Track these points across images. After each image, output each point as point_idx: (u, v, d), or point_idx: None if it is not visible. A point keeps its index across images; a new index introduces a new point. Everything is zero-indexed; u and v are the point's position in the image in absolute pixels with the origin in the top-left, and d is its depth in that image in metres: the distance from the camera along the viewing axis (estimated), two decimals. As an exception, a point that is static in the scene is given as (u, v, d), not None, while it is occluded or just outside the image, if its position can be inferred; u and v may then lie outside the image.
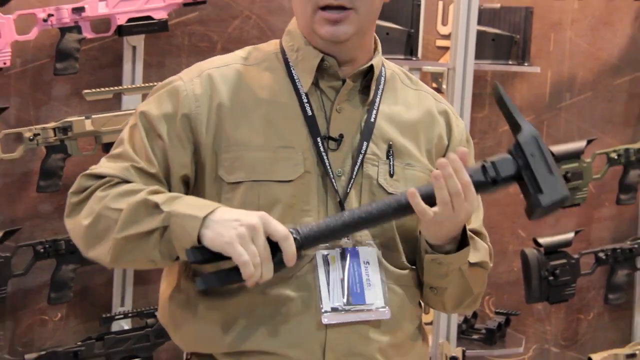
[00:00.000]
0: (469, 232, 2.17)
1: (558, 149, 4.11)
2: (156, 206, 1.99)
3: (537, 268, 4.09)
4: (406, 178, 2.19)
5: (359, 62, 2.19)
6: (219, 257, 1.97)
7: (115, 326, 3.79)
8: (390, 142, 2.20)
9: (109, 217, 2.04)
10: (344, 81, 2.18)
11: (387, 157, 2.19)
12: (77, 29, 3.64)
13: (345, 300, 2.10)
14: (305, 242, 2.01)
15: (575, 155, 4.13)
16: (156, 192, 2.04)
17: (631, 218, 4.58)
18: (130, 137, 2.15)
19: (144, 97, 3.59)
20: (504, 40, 4.12)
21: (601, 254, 4.28)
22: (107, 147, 3.55)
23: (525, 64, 4.17)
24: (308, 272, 2.10)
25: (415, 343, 2.25)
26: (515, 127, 2.12)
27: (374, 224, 2.09)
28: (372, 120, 2.19)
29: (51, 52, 3.70)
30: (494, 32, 4.11)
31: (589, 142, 4.15)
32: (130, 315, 3.79)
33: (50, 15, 3.59)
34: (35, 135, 3.62)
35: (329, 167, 2.13)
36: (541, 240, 4.11)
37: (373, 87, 2.21)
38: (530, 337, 4.50)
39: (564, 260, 4.14)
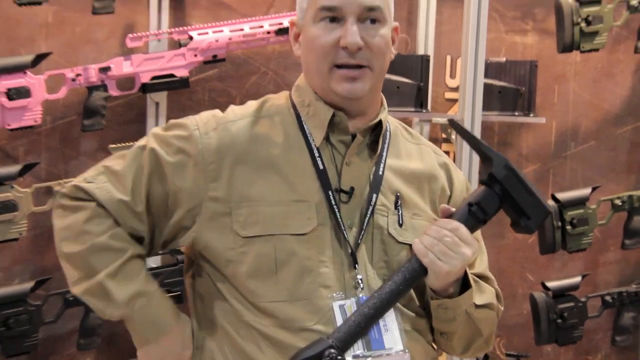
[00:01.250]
0: (471, 276, 2.17)
1: (564, 196, 4.12)
2: (116, 303, 2.12)
3: (546, 311, 4.07)
4: (414, 227, 2.18)
5: (369, 117, 2.19)
6: None
7: None
8: (398, 193, 2.20)
9: (83, 264, 2.13)
10: (353, 136, 2.18)
11: (396, 208, 2.18)
12: (103, 87, 3.66)
13: (364, 347, 2.08)
14: (344, 350, 2.03)
15: (581, 202, 4.12)
16: (129, 263, 2.14)
17: (636, 262, 4.56)
18: (132, 161, 2.16)
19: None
20: (510, 92, 4.13)
21: (608, 297, 4.27)
22: None
23: (531, 115, 4.16)
24: (327, 324, 2.08)
25: None
26: (486, 159, 2.13)
27: (395, 302, 2.10)
28: (380, 173, 2.19)
29: (79, 109, 3.74)
30: (500, 85, 4.13)
31: (593, 189, 4.14)
32: None
33: (78, 74, 3.62)
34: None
35: (340, 220, 2.13)
36: (549, 284, 4.10)
37: (381, 141, 2.21)
38: None
39: (571, 304, 4.12)
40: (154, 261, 3.78)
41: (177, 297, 3.69)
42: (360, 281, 2.11)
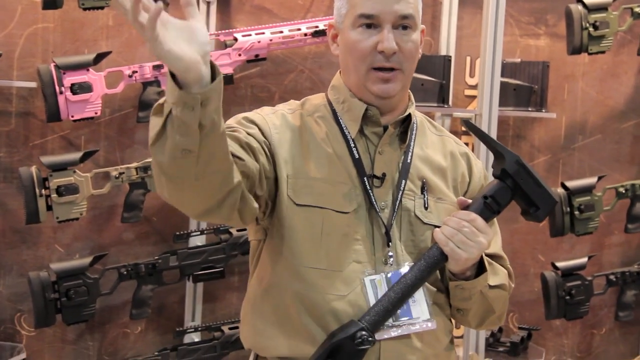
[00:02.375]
0: (487, 259, 2.22)
1: (572, 184, 4.12)
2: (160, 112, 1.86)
3: (555, 289, 4.10)
4: (438, 210, 2.23)
5: (398, 111, 2.24)
6: None
7: (187, 338, 3.83)
8: (424, 180, 2.24)
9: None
10: (385, 128, 2.22)
11: (422, 192, 2.22)
12: (157, 83, 3.73)
13: (393, 317, 2.12)
14: (374, 331, 2.07)
15: (588, 190, 4.13)
16: None
17: (638, 245, 4.58)
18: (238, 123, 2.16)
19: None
20: (524, 90, 4.15)
21: (612, 277, 4.28)
22: None
23: (543, 111, 4.18)
24: (359, 296, 2.13)
25: (450, 353, 2.29)
26: (498, 155, 2.17)
27: (419, 286, 2.13)
28: (409, 161, 2.23)
29: (135, 102, 3.81)
30: (515, 83, 4.15)
31: (599, 178, 4.16)
32: (200, 329, 3.82)
33: (134, 71, 3.70)
34: (120, 173, 3.70)
35: (374, 202, 2.17)
36: (559, 264, 4.13)
37: (409, 133, 2.25)
38: (549, 350, 4.47)
39: (578, 282, 4.14)
40: (199, 239, 3.82)
41: (220, 272, 3.78)
42: (390, 258, 2.16)
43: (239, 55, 3.78)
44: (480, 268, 2.21)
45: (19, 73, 3.80)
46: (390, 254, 2.17)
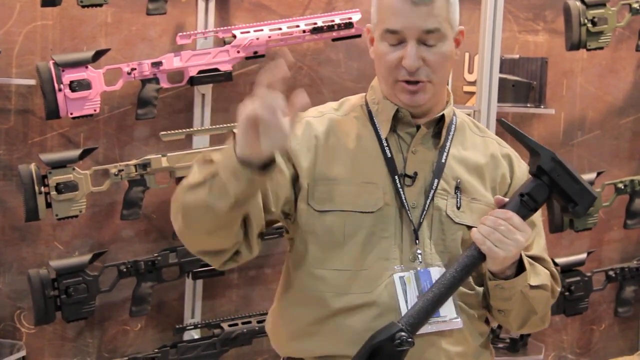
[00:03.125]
0: (527, 259, 2.21)
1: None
2: (202, 166, 2.01)
3: None
4: (472, 210, 2.23)
5: (433, 112, 2.25)
6: None
7: (187, 335, 3.81)
8: (459, 180, 2.23)
9: (180, 197, 2.08)
10: (418, 127, 2.23)
11: (455, 192, 2.22)
12: (155, 80, 3.71)
13: None
14: (413, 333, 2.06)
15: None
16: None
17: (637, 240, 4.57)
18: None
19: (212, 137, 3.71)
20: (523, 86, 4.13)
21: (611, 272, 4.28)
22: (180, 181, 3.52)
23: (542, 107, 4.17)
24: (389, 293, 2.14)
25: (480, 357, 2.26)
26: (533, 153, 2.16)
27: (458, 286, 2.13)
28: (443, 161, 2.23)
29: (133, 100, 3.78)
30: (514, 79, 4.13)
31: (598, 174, 4.14)
32: (199, 326, 3.80)
33: (133, 69, 3.68)
34: (119, 171, 3.67)
35: (404, 201, 2.18)
36: (558, 260, 4.09)
37: (444, 133, 2.25)
38: (549, 346, 4.47)
39: (578, 278, 4.14)
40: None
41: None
42: (419, 255, 2.17)
43: (238, 52, 3.76)
44: (520, 267, 2.20)
45: (17, 70, 3.78)
46: (419, 251, 2.18)
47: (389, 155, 2.21)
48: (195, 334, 3.83)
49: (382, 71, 2.22)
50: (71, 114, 3.60)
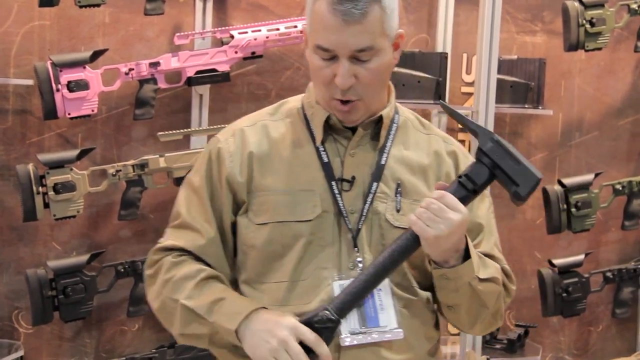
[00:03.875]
0: (474, 250, 2.12)
1: (569, 181, 4.10)
2: (200, 316, 2.05)
3: (552, 286, 4.09)
4: (413, 212, 2.09)
5: (372, 115, 2.18)
6: None
7: None
8: (399, 182, 2.17)
9: (170, 307, 2.12)
10: (355, 130, 2.17)
11: (396, 195, 2.16)
12: (153, 80, 3.70)
13: (360, 324, 2.07)
14: (341, 315, 2.02)
15: (585, 187, 4.11)
16: (205, 282, 2.11)
17: (635, 241, 4.54)
18: (186, 207, 2.20)
19: (209, 138, 3.68)
20: (521, 87, 4.12)
21: (609, 274, 4.27)
22: (178, 181, 3.62)
23: (540, 108, 4.14)
24: (325, 302, 2.07)
25: None
26: (474, 134, 2.12)
27: (391, 270, 2.07)
28: (383, 162, 2.17)
29: (131, 100, 3.78)
30: (512, 80, 4.11)
31: (596, 175, 4.14)
32: None
33: (131, 69, 3.67)
34: (117, 171, 3.67)
35: (342, 207, 2.12)
36: (555, 262, 4.11)
37: (383, 134, 2.18)
38: (546, 347, 4.45)
39: (575, 279, 4.12)
40: None
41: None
42: (359, 263, 2.11)
43: (236, 52, 3.75)
44: (466, 259, 2.11)
45: (15, 71, 3.76)
46: (359, 259, 2.12)
47: (325, 160, 2.16)
48: None
49: (317, 83, 2.15)
50: (69, 114, 3.59)
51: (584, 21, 4.03)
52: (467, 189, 2.07)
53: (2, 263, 3.83)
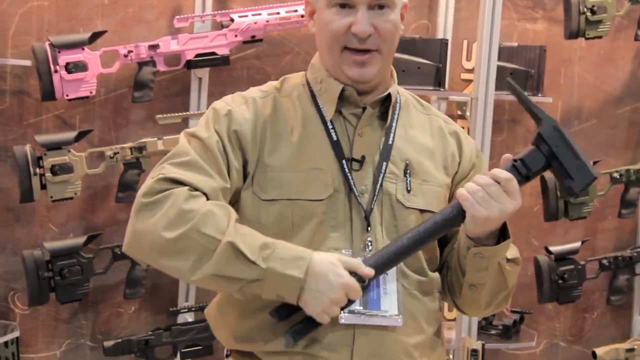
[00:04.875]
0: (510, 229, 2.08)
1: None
2: (249, 259, 1.92)
3: (548, 273, 4.09)
4: (423, 193, 2.13)
5: (378, 91, 2.15)
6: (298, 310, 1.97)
7: (181, 319, 3.79)
8: (407, 162, 2.14)
9: (197, 241, 1.93)
10: (364, 108, 2.13)
11: (405, 175, 2.13)
12: (152, 63, 3.66)
13: (361, 305, 2.02)
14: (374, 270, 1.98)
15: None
16: (238, 224, 1.97)
17: (631, 230, 4.54)
18: (193, 151, 2.05)
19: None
20: (521, 74, 4.09)
21: (604, 261, 4.28)
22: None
23: (539, 95, 4.11)
24: None
25: (436, 346, 2.18)
26: (536, 119, 2.06)
27: (428, 241, 2.03)
28: (390, 142, 2.14)
29: (130, 82, 3.74)
30: (512, 67, 4.09)
31: (594, 163, 4.05)
32: (193, 309, 3.77)
33: (130, 51, 3.63)
34: (115, 153, 3.65)
35: (353, 186, 2.07)
36: (552, 249, 4.11)
37: (390, 113, 2.15)
38: (541, 333, 4.47)
39: (571, 266, 4.12)
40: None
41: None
42: (369, 243, 2.06)
43: (235, 36, 3.71)
44: (500, 240, 2.07)
45: (13, 51, 3.70)
46: (370, 239, 2.07)
47: (335, 138, 2.10)
48: (189, 317, 3.81)
49: (328, 41, 2.10)
50: (67, 95, 3.55)
51: (585, 9, 4.01)
52: (520, 174, 2.01)
53: (-1, 244, 3.81)
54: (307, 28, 2.22)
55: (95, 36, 3.58)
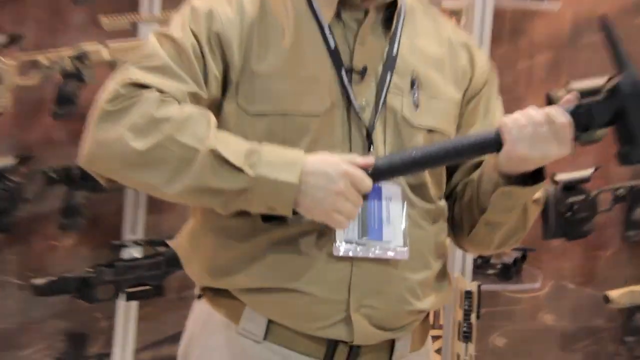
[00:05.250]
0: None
1: (580, 85, 3.77)
2: (234, 166, 1.83)
3: (555, 204, 3.88)
4: (431, 110, 2.03)
5: None
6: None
7: (126, 254, 3.63)
8: (414, 74, 2.04)
9: (173, 151, 1.85)
10: (367, 12, 2.01)
11: (412, 89, 2.03)
12: None
13: (359, 233, 1.93)
14: (374, 176, 1.88)
15: (596, 92, 3.79)
16: (217, 130, 1.89)
17: None
18: (165, 53, 1.94)
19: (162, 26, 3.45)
20: None
21: (620, 191, 4.06)
22: None
23: (545, 1, 3.92)
24: None
25: (443, 283, 2.10)
26: (619, 67, 1.96)
27: (450, 159, 1.97)
28: (395, 52, 2.03)
29: None
30: None
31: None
32: (140, 243, 3.64)
33: None
34: (51, 62, 3.47)
35: (353, 100, 1.97)
36: (558, 177, 3.88)
37: (395, 19, 2.04)
38: (547, 273, 4.24)
39: (582, 197, 3.91)
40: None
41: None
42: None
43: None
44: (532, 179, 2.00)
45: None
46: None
47: (333, 45, 1.99)
48: (137, 253, 3.66)
49: None
50: (-10, -9, 3.41)
51: None
52: (580, 122, 1.90)
53: None
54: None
55: None
